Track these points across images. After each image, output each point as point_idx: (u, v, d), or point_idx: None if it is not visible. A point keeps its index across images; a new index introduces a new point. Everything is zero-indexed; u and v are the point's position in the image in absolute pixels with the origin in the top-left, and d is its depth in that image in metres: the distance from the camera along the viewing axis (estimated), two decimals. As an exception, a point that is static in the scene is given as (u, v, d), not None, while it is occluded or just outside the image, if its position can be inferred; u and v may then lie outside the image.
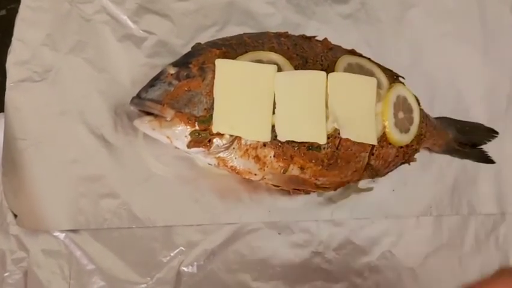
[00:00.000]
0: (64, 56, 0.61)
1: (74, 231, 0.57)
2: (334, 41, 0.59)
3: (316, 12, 0.68)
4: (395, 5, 0.70)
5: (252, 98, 0.51)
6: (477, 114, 0.67)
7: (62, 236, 0.57)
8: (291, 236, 0.61)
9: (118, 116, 0.60)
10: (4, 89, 0.59)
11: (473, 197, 0.65)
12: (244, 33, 0.58)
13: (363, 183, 0.62)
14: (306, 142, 0.53)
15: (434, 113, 0.64)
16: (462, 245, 0.64)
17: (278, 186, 0.56)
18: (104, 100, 0.60)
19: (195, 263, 0.58)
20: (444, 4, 0.71)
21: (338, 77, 0.54)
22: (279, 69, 0.53)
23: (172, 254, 0.58)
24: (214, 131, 0.51)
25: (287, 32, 0.58)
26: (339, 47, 0.59)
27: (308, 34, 0.59)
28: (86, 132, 0.59)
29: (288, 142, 0.52)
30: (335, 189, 0.58)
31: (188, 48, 0.56)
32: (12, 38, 0.60)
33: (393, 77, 0.59)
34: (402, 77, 0.60)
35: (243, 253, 0.59)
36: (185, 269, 0.58)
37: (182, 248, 0.58)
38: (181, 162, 0.60)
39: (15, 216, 0.56)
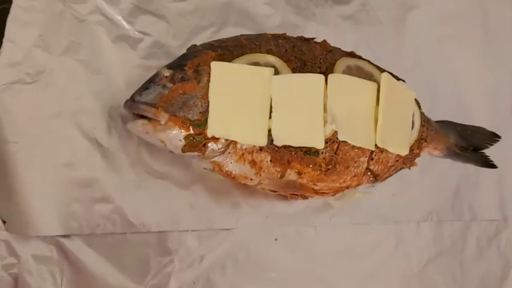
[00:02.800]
0: (57, 57, 0.60)
1: (66, 236, 0.56)
2: (333, 42, 0.58)
3: (316, 13, 0.67)
4: (396, 6, 0.69)
5: (248, 102, 0.50)
6: (479, 118, 0.66)
7: (53, 241, 0.56)
8: (288, 242, 0.60)
9: (112, 118, 0.59)
10: (-5, 91, 0.58)
11: (474, 202, 0.64)
12: (241, 35, 0.57)
13: (362, 188, 0.61)
14: (303, 147, 0.52)
15: (435, 116, 0.63)
16: (463, 251, 0.63)
17: (275, 191, 0.55)
18: (97, 102, 0.59)
19: (190, 270, 0.57)
20: (446, 5, 0.70)
21: (339, 78, 0.53)
22: (277, 72, 0.52)
23: (166, 260, 0.57)
24: (209, 135, 0.50)
25: (285, 34, 0.58)
26: (339, 49, 0.58)
27: (307, 36, 0.58)
28: (79, 135, 0.58)
29: (284, 147, 0.52)
30: (334, 195, 0.57)
31: (184, 50, 0.56)
32: (3, 39, 0.59)
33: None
34: (403, 80, 0.59)
35: (239, 259, 0.59)
36: (180, 275, 0.57)
37: (177, 254, 0.57)
38: (176, 167, 0.59)
39: (4, 222, 0.55)
